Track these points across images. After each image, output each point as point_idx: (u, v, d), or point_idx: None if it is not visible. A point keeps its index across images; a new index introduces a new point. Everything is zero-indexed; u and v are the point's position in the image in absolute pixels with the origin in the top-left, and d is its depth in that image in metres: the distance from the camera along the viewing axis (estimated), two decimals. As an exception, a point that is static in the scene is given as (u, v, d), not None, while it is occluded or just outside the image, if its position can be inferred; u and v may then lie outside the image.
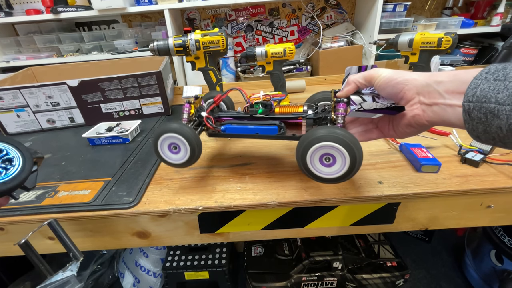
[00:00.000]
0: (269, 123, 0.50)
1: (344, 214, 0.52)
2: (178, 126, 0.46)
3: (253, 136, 0.51)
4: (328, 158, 0.40)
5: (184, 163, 0.49)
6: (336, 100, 0.43)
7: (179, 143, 0.47)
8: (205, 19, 1.63)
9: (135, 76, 0.83)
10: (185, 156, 0.48)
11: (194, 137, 0.47)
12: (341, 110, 0.43)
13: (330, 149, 0.39)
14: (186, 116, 0.53)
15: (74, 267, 0.29)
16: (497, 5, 1.38)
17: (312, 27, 1.66)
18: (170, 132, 0.46)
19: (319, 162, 0.40)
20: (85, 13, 1.34)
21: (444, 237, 1.40)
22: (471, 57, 1.46)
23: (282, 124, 0.49)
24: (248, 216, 0.52)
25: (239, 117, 0.53)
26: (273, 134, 0.49)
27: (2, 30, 1.55)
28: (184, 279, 1.07)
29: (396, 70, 0.37)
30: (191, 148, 0.47)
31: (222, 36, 0.74)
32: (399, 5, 1.35)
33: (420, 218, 0.53)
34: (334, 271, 1.00)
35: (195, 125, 0.54)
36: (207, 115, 0.53)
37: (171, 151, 0.49)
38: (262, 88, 1.11)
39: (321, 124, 0.47)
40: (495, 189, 0.48)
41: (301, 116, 0.49)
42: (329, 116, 0.46)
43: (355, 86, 0.41)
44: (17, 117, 0.84)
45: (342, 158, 0.38)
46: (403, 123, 0.37)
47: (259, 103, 0.51)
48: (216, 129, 0.52)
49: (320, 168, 0.41)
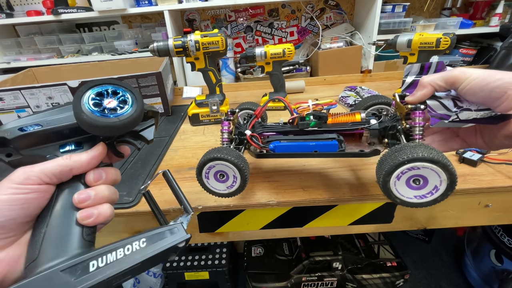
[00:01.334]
0: (325, 137, 0.42)
1: (343, 214, 0.53)
2: (225, 153, 0.40)
3: (310, 154, 0.43)
4: (418, 180, 0.34)
5: (233, 192, 0.43)
6: (411, 108, 0.37)
7: (228, 171, 0.42)
8: (205, 20, 1.63)
9: (135, 77, 0.84)
10: (233, 184, 0.43)
11: (243, 162, 0.41)
12: (419, 119, 0.36)
13: (422, 171, 0.33)
14: (226, 136, 0.46)
15: (184, 219, 0.29)
16: (496, 6, 1.38)
17: (312, 27, 1.67)
18: (217, 160, 0.40)
19: (405, 185, 0.35)
20: (86, 14, 1.35)
21: (444, 237, 1.40)
22: (470, 58, 1.46)
23: (341, 138, 0.42)
24: (248, 216, 0.53)
25: (285, 132, 0.46)
26: (334, 150, 0.42)
27: (3, 31, 1.55)
28: (184, 279, 1.08)
29: (488, 70, 0.31)
30: (241, 176, 0.41)
31: (221, 37, 0.74)
32: (398, 6, 1.35)
33: (419, 218, 0.54)
34: (334, 271, 1.01)
35: (236, 145, 0.47)
36: (252, 133, 0.45)
37: (217, 179, 0.43)
38: (262, 89, 1.12)
39: (388, 135, 0.40)
40: (493, 188, 0.49)
41: (362, 127, 0.42)
42: (399, 126, 0.39)
43: (431, 90, 0.35)
44: (17, 117, 0.84)
45: (437, 179, 0.33)
46: (503, 133, 0.32)
47: (311, 114, 0.43)
48: (264, 149, 0.45)
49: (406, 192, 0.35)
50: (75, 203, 0.26)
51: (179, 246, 0.27)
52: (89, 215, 0.26)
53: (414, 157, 0.32)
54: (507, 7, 1.40)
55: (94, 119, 0.25)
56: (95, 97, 0.26)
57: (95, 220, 0.26)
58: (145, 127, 0.32)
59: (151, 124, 0.33)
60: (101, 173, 0.28)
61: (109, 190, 0.28)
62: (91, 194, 0.26)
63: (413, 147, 0.33)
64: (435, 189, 0.34)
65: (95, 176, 0.27)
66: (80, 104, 0.25)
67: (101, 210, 0.26)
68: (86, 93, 0.26)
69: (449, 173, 0.32)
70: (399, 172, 0.33)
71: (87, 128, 0.26)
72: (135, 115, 0.27)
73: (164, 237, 0.27)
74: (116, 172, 0.30)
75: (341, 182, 0.52)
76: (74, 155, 0.27)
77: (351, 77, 1.16)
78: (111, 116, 0.26)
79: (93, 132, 0.26)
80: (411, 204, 0.35)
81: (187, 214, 0.30)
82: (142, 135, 0.32)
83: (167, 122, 0.87)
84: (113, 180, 0.29)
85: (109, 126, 0.25)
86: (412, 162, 0.32)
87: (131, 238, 0.26)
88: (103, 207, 0.27)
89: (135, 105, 0.27)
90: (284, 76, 0.88)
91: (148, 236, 0.26)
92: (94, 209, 0.26)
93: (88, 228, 0.26)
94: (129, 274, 0.25)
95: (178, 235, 0.27)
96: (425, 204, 0.35)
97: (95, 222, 0.26)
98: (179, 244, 0.27)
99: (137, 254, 0.25)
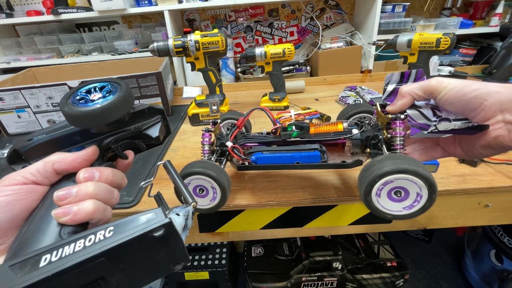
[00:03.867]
0: (307, 148, 0.42)
1: (342, 213, 0.53)
2: (203, 166, 0.40)
3: (292, 166, 0.43)
4: (399, 192, 0.34)
5: (214, 207, 0.43)
6: (391, 117, 0.37)
7: (207, 186, 0.41)
8: (205, 20, 1.63)
9: (135, 77, 0.84)
10: (214, 198, 0.42)
11: (223, 176, 0.41)
12: (399, 129, 0.36)
13: (403, 183, 0.33)
14: (207, 148, 0.46)
15: (182, 210, 0.25)
16: (496, 6, 1.38)
17: (312, 27, 1.66)
18: (196, 174, 0.40)
19: (386, 197, 0.35)
20: (86, 14, 1.35)
21: (444, 237, 1.40)
22: (470, 58, 1.46)
23: (323, 148, 0.42)
24: (248, 216, 0.53)
25: (267, 142, 0.45)
26: (316, 162, 0.42)
27: (3, 31, 1.55)
28: (184, 279, 1.08)
29: (466, 81, 0.31)
30: (221, 190, 0.41)
31: (221, 37, 0.74)
32: (398, 6, 1.35)
33: (418, 218, 0.53)
34: (334, 271, 1.01)
35: (217, 156, 0.47)
36: (233, 144, 0.44)
37: (196, 194, 0.43)
38: (262, 89, 1.12)
39: (370, 145, 0.40)
40: (493, 188, 0.49)
41: (344, 137, 0.42)
42: (380, 135, 0.39)
43: (411, 99, 0.35)
44: (17, 117, 0.85)
45: (417, 191, 0.33)
46: (481, 144, 0.32)
47: (293, 125, 0.43)
48: (245, 161, 0.44)
49: (386, 204, 0.35)
50: (54, 200, 0.24)
51: (155, 234, 0.21)
52: (66, 212, 0.23)
53: (383, 172, 0.32)
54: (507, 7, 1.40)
55: (73, 109, 0.25)
56: (83, 93, 0.27)
57: (73, 217, 0.23)
58: (150, 125, 0.31)
59: (156, 122, 0.31)
60: (93, 172, 0.26)
61: (97, 186, 0.25)
62: (72, 191, 0.24)
63: (380, 162, 0.33)
64: (418, 196, 0.34)
65: (85, 174, 0.26)
66: (66, 100, 0.26)
67: (81, 207, 0.23)
68: (74, 92, 0.27)
69: (423, 178, 0.32)
70: (376, 190, 0.34)
71: (70, 120, 0.26)
72: (117, 101, 0.26)
73: (137, 224, 0.22)
74: (116, 173, 0.28)
75: (341, 182, 0.52)
76: (60, 152, 0.27)
77: (351, 77, 1.16)
78: (89, 104, 0.26)
79: (77, 124, 0.26)
80: (404, 216, 0.35)
81: (186, 205, 0.26)
82: (147, 133, 0.31)
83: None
84: (110, 181, 0.27)
85: (89, 115, 0.25)
86: (383, 177, 0.32)
87: (99, 227, 0.22)
88: (85, 203, 0.24)
89: (118, 92, 0.26)
90: (284, 76, 0.88)
91: (117, 224, 0.22)
92: (73, 206, 0.23)
93: (68, 227, 0.23)
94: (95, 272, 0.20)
95: (154, 221, 0.22)
96: (416, 214, 0.35)
97: (74, 220, 0.23)
98: (155, 232, 0.21)
99: (98, 245, 0.20)
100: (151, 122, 0.31)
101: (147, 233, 0.21)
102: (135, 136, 0.31)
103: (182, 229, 0.24)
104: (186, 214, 0.25)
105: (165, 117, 0.32)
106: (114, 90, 0.27)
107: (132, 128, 0.30)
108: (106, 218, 0.25)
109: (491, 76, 0.99)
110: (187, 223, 0.25)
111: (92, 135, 0.29)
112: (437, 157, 0.38)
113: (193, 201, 0.26)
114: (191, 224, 0.25)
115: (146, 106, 0.30)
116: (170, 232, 0.22)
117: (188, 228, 0.25)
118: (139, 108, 0.30)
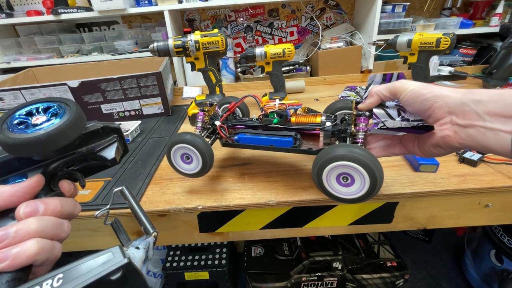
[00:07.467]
0: (284, 134, 0.47)
1: (343, 214, 0.53)
2: (191, 137, 0.45)
3: (267, 148, 0.49)
4: (346, 178, 0.38)
5: (196, 174, 0.48)
6: (357, 113, 0.41)
7: (192, 154, 0.47)
8: (205, 20, 1.63)
9: (135, 76, 0.84)
10: (197, 166, 0.47)
11: (206, 148, 0.46)
12: (362, 124, 0.40)
13: (348, 169, 0.36)
14: (200, 125, 0.52)
15: (141, 243, 0.23)
16: (496, 6, 1.38)
17: (312, 27, 1.66)
18: (183, 143, 0.46)
19: (335, 181, 0.38)
20: (86, 14, 1.35)
21: (444, 237, 1.40)
22: (470, 58, 1.46)
23: (298, 136, 0.47)
24: (248, 216, 0.53)
25: (253, 126, 0.51)
26: (288, 146, 0.47)
27: (3, 31, 1.55)
28: (184, 279, 1.08)
29: (425, 84, 0.33)
30: (203, 160, 0.46)
31: (221, 37, 0.74)
32: (398, 6, 1.35)
33: (419, 218, 0.54)
34: (334, 271, 1.01)
35: (209, 133, 0.53)
36: (221, 124, 0.51)
37: (183, 161, 0.49)
38: (262, 89, 1.12)
39: (340, 137, 0.45)
40: (493, 188, 0.49)
41: (318, 128, 0.46)
42: (349, 130, 0.43)
43: (378, 99, 0.38)
44: (17, 117, 0.85)
45: (361, 179, 0.36)
46: (430, 142, 0.34)
47: (275, 113, 0.48)
48: (229, 139, 0.50)
49: (337, 187, 0.39)
50: None
51: (111, 277, 0.19)
52: (2, 257, 0.20)
53: (331, 156, 0.36)
54: (507, 7, 1.40)
55: (9, 136, 0.21)
56: (23, 116, 0.23)
57: (11, 262, 0.20)
58: (105, 145, 0.28)
59: (112, 142, 0.28)
60: (37, 205, 0.22)
61: (42, 222, 0.22)
62: (9, 232, 0.20)
63: (331, 148, 0.37)
64: (361, 187, 0.37)
65: (26, 209, 0.22)
66: (0, 125, 0.22)
67: (22, 249, 0.20)
68: (12, 114, 0.23)
69: (363, 165, 0.35)
70: (326, 173, 0.38)
71: (6, 149, 0.22)
72: (65, 125, 0.22)
73: (90, 268, 0.19)
74: (65, 202, 0.25)
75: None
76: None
77: (351, 77, 1.16)
78: (30, 131, 0.22)
79: (15, 153, 0.23)
80: (350, 200, 0.39)
81: (146, 236, 0.24)
82: (101, 155, 0.27)
83: (167, 122, 0.87)
84: (59, 212, 0.24)
85: (29, 143, 0.21)
86: (332, 161, 0.36)
87: (46, 275, 0.19)
88: (26, 244, 0.20)
89: (67, 115, 0.23)
90: (284, 76, 0.88)
91: (67, 270, 0.19)
92: (11, 248, 0.20)
93: (5, 275, 0.20)
94: None
95: (111, 262, 0.19)
96: (361, 199, 0.38)
97: (13, 266, 0.20)
98: (112, 275, 0.19)
99: None
100: (106, 143, 0.28)
101: (102, 278, 0.19)
102: (88, 159, 0.28)
103: (142, 263, 0.22)
104: (146, 246, 0.23)
105: (121, 135, 0.30)
106: (61, 112, 0.23)
107: (84, 150, 0.27)
108: (54, 257, 0.22)
109: (491, 76, 0.99)
110: (148, 255, 0.23)
111: (35, 161, 0.25)
112: (396, 154, 0.41)
113: (154, 231, 0.24)
114: (152, 255, 0.24)
115: (100, 125, 0.27)
116: (129, 272, 0.20)
117: (149, 260, 0.23)
118: (92, 128, 0.27)
